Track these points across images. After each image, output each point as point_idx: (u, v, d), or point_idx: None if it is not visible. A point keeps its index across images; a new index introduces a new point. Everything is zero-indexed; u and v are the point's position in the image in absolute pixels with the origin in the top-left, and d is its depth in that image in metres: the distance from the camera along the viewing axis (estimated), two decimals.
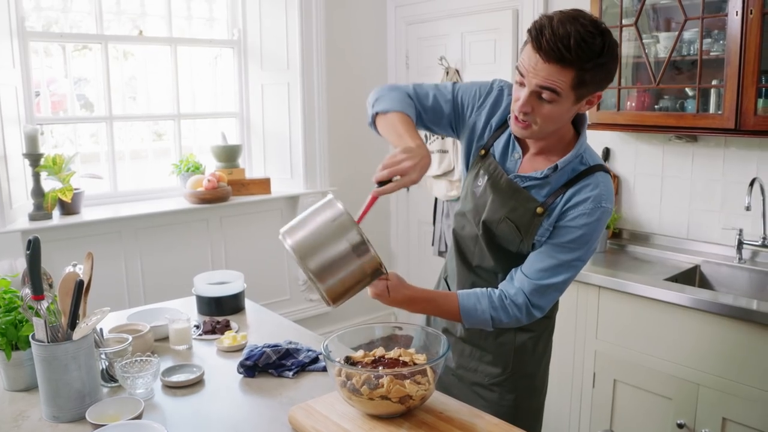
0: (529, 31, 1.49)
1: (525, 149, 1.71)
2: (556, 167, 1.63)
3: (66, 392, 1.61)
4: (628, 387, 2.80)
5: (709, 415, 2.53)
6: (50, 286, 1.77)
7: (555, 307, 1.89)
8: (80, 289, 1.63)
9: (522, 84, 1.53)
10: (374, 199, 1.51)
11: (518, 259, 1.73)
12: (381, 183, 1.51)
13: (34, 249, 1.62)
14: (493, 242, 1.75)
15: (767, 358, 2.36)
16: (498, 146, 1.74)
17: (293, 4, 4.23)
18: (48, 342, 1.60)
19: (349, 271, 1.47)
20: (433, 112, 1.80)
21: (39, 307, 1.62)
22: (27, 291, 1.68)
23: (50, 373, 1.60)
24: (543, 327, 1.87)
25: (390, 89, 1.79)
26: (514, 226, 1.68)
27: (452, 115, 1.80)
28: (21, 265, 3.22)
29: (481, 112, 1.77)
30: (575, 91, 1.49)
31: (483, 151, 1.76)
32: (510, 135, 1.71)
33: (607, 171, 1.68)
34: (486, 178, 1.74)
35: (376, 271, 1.51)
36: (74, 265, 1.80)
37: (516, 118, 1.58)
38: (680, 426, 2.60)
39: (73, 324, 1.63)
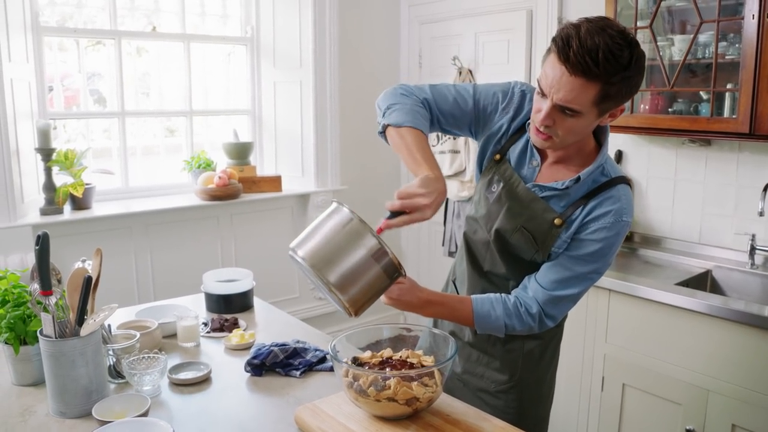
0: (555, 41, 1.44)
1: (544, 157, 1.68)
2: (578, 179, 1.60)
3: (73, 388, 1.61)
4: (637, 391, 2.78)
5: (719, 422, 2.51)
6: (59, 281, 1.78)
7: (564, 315, 1.86)
8: (88, 286, 1.63)
9: (544, 95, 1.49)
10: (380, 230, 1.43)
11: (531, 268, 1.71)
12: (393, 212, 1.44)
13: (43, 244, 1.62)
14: (506, 250, 1.73)
15: None
16: (514, 152, 1.71)
17: (307, 2, 4.23)
18: (56, 337, 1.60)
19: (369, 277, 1.40)
20: (453, 117, 1.74)
21: (47, 303, 1.62)
22: (36, 286, 1.68)
23: (57, 368, 1.60)
24: (552, 334, 1.85)
25: (403, 94, 1.71)
26: (530, 236, 1.65)
27: (473, 119, 1.75)
28: (31, 259, 3.23)
29: (503, 117, 1.73)
30: (598, 106, 1.46)
31: (498, 156, 1.73)
32: (528, 141, 1.68)
33: (628, 183, 1.65)
34: (501, 185, 1.71)
35: (395, 274, 1.45)
36: (83, 261, 1.81)
37: (537, 129, 1.54)
38: None
39: (81, 320, 1.63)
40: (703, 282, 2.98)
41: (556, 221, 1.62)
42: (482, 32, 4.16)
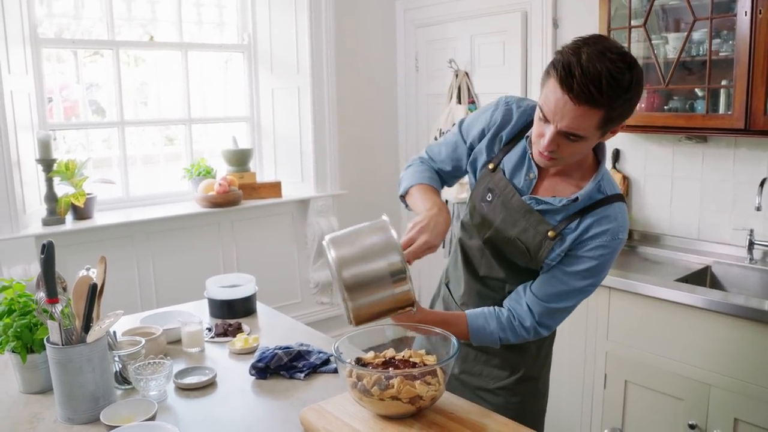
0: (555, 68, 1.43)
1: (542, 170, 1.68)
2: (576, 199, 1.60)
3: (80, 394, 1.63)
4: (640, 388, 2.80)
5: (721, 416, 2.52)
6: (64, 289, 1.79)
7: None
8: (94, 293, 1.65)
9: (546, 120, 1.49)
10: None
11: (528, 272, 1.72)
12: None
13: (48, 253, 1.64)
14: (502, 256, 1.75)
15: None
16: (509, 162, 1.71)
17: (303, 8, 4.25)
18: (62, 345, 1.62)
19: (380, 295, 1.47)
20: (450, 159, 1.86)
21: (53, 311, 1.64)
22: (42, 294, 1.70)
23: (65, 375, 1.62)
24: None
25: (407, 167, 1.90)
26: (524, 248, 1.66)
27: (468, 155, 1.82)
28: (35, 269, 3.25)
29: (490, 129, 1.75)
30: (601, 129, 1.47)
31: (492, 166, 1.73)
32: (524, 153, 1.68)
33: (624, 200, 1.66)
34: (496, 195, 1.71)
35: (406, 305, 1.52)
36: (87, 269, 1.82)
37: (540, 152, 1.55)
38: (692, 427, 2.59)
39: (87, 327, 1.65)
40: (702, 278, 3.00)
41: (550, 233, 1.62)
42: (477, 34, 4.17)
